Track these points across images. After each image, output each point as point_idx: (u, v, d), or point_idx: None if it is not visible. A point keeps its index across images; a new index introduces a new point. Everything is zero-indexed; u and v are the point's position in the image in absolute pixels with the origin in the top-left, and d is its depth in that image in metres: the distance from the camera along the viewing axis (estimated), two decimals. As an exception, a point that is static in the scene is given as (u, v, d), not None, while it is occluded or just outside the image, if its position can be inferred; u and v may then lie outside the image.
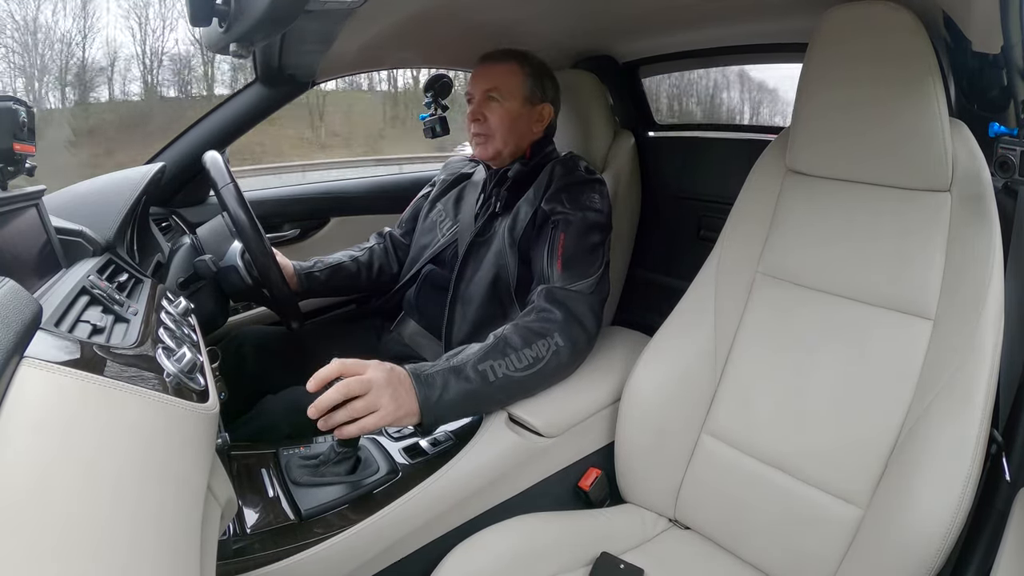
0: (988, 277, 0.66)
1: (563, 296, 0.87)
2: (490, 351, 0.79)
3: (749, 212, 0.88)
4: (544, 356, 0.81)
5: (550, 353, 0.82)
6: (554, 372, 0.83)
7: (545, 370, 0.81)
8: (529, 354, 0.80)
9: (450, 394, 0.75)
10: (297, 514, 0.68)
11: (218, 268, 0.99)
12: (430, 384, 0.74)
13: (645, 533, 0.84)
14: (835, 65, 0.76)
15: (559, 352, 0.82)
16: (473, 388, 0.76)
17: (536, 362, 0.81)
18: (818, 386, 0.76)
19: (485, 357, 0.78)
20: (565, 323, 0.84)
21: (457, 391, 0.75)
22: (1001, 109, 0.79)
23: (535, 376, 0.81)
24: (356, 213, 1.58)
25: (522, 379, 0.80)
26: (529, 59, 1.08)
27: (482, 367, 0.77)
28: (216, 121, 1.26)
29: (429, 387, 0.74)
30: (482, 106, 1.05)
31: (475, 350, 0.80)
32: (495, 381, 0.78)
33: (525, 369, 0.80)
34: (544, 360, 0.81)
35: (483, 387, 0.77)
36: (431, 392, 0.74)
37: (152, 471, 0.36)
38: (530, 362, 0.80)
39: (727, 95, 3.17)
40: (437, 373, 0.76)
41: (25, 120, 0.64)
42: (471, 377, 0.76)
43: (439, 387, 0.74)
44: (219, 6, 0.49)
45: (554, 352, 0.82)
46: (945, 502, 0.61)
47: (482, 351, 0.79)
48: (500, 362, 0.78)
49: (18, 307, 0.34)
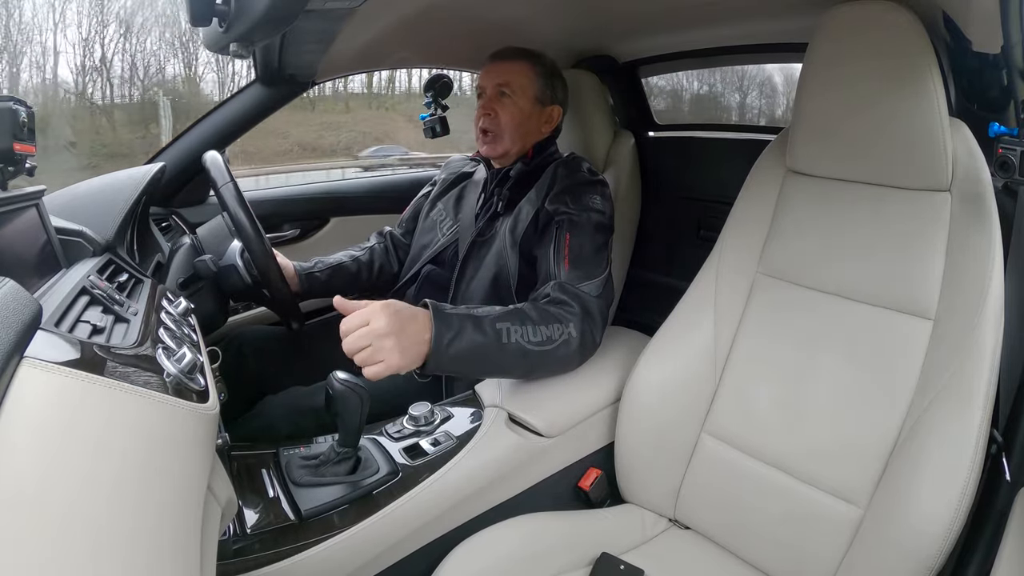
0: (988, 277, 0.66)
1: (576, 292, 0.86)
2: (510, 314, 0.79)
3: (749, 212, 0.88)
4: (556, 339, 0.80)
5: (562, 339, 0.81)
6: (560, 360, 0.83)
7: (553, 354, 0.81)
8: (544, 331, 0.80)
9: (463, 341, 0.73)
10: (297, 514, 0.68)
11: (218, 268, 0.99)
12: (447, 323, 0.73)
13: (645, 533, 0.84)
14: (835, 65, 0.76)
15: (569, 342, 0.82)
16: (486, 343, 0.75)
17: (548, 342, 0.80)
18: (818, 386, 0.76)
19: (504, 318, 0.78)
20: (580, 318, 0.84)
21: (470, 340, 0.74)
22: (1001, 109, 0.79)
23: (542, 355, 0.80)
24: (356, 213, 1.58)
25: (531, 352, 0.79)
26: (542, 59, 1.08)
27: (500, 326, 0.77)
28: (216, 121, 1.26)
29: (446, 326, 0.73)
30: (493, 101, 1.05)
31: (495, 309, 0.79)
32: (507, 344, 0.77)
33: (537, 344, 0.79)
34: (555, 343, 0.80)
35: (495, 346, 0.76)
36: (446, 332, 0.73)
37: (152, 471, 0.36)
38: (543, 339, 0.79)
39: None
40: (455, 316, 0.75)
41: (25, 120, 0.64)
42: (487, 331, 0.75)
43: (455, 329, 0.73)
44: (219, 6, 0.49)
45: (565, 340, 0.81)
46: (945, 502, 0.61)
47: (502, 311, 0.79)
48: (517, 328, 0.78)
49: (18, 307, 0.34)
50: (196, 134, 1.26)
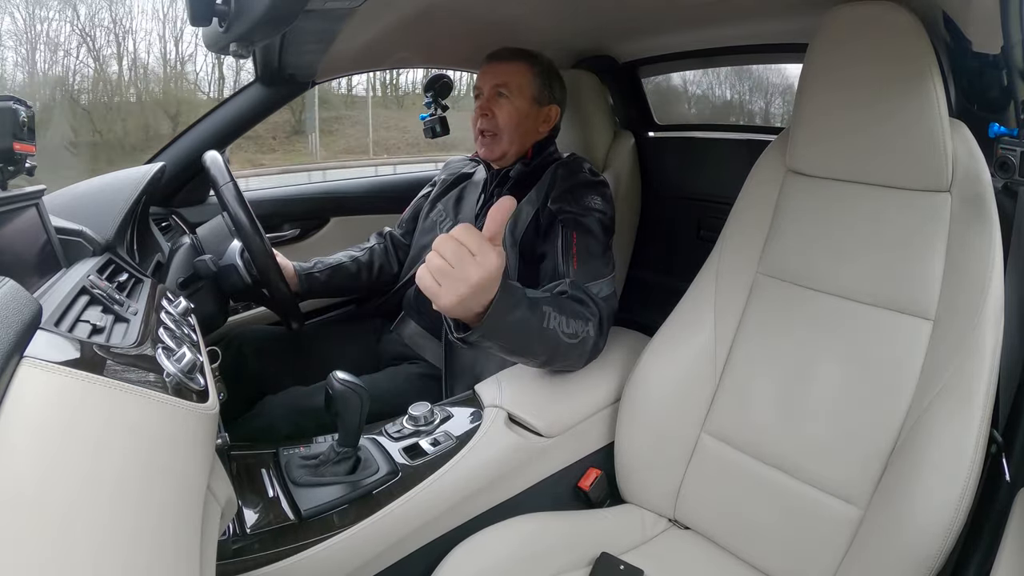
0: (988, 277, 0.66)
1: (591, 295, 0.85)
2: (553, 300, 0.77)
3: (749, 212, 0.88)
4: (579, 336, 0.79)
5: (581, 337, 0.80)
6: (576, 356, 0.82)
7: (575, 348, 0.79)
8: (574, 325, 0.78)
9: (518, 312, 0.70)
10: (297, 514, 0.68)
11: (218, 268, 0.99)
12: (511, 293, 0.69)
13: (645, 533, 0.84)
14: (835, 65, 0.76)
15: (587, 341, 0.81)
16: (533, 322, 0.72)
17: (574, 336, 0.78)
18: (818, 386, 0.76)
19: (551, 303, 0.76)
20: (598, 320, 0.83)
21: (522, 316, 0.70)
22: (1001, 109, 0.79)
23: (568, 348, 0.78)
24: (356, 213, 1.58)
25: (561, 343, 0.77)
26: (539, 60, 1.08)
27: (545, 308, 0.74)
28: (216, 121, 1.26)
29: (510, 295, 0.68)
30: (491, 102, 1.04)
31: (540, 292, 0.78)
32: (546, 328, 0.74)
33: (569, 336, 0.77)
34: (579, 339, 0.79)
35: (537, 327, 0.73)
36: (508, 301, 0.68)
37: (152, 471, 0.36)
38: (573, 332, 0.78)
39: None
40: (517, 289, 0.71)
41: (25, 120, 0.64)
42: (535, 312, 0.72)
43: (514, 301, 0.69)
44: (219, 6, 0.49)
45: (584, 339, 0.80)
46: (945, 502, 0.61)
47: (550, 295, 0.77)
48: (557, 315, 0.76)
49: (18, 307, 0.34)
50: (196, 134, 1.26)
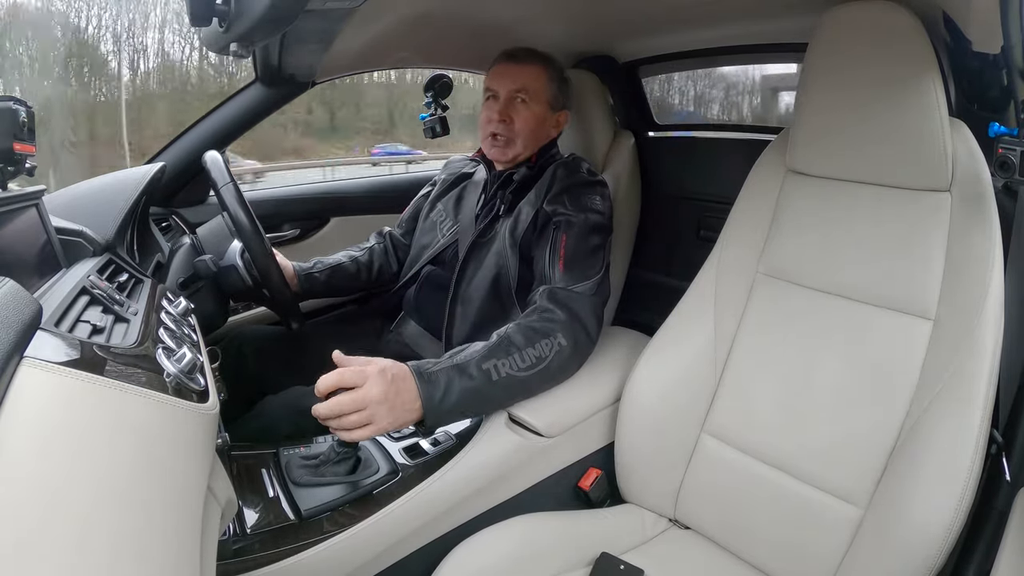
0: (988, 277, 0.66)
1: (565, 297, 0.86)
2: (493, 350, 0.79)
3: (749, 212, 0.88)
4: (547, 356, 0.81)
5: (552, 353, 0.81)
6: (556, 372, 0.83)
7: (548, 370, 0.81)
8: (532, 354, 0.80)
9: (453, 394, 0.74)
10: (297, 514, 0.68)
11: (218, 268, 0.99)
12: (434, 383, 0.73)
13: (645, 533, 0.84)
14: (835, 65, 0.76)
15: (561, 352, 0.82)
16: (476, 386, 0.75)
17: (539, 362, 0.80)
18: (818, 386, 0.76)
19: (489, 356, 0.78)
20: (568, 323, 0.84)
21: (460, 390, 0.74)
22: (1001, 109, 0.79)
23: (538, 376, 0.80)
24: (356, 213, 1.58)
25: (525, 379, 0.79)
26: (553, 63, 1.07)
27: (485, 366, 0.77)
28: (216, 121, 1.26)
29: (433, 386, 0.73)
30: (509, 107, 1.03)
31: (478, 348, 0.79)
32: (498, 380, 0.77)
33: (528, 369, 0.79)
34: (547, 360, 0.81)
35: (486, 386, 0.76)
36: (434, 391, 0.73)
37: (152, 471, 0.36)
38: (533, 362, 0.80)
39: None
40: (440, 371, 0.75)
41: (25, 120, 0.64)
42: (474, 375, 0.76)
43: (443, 386, 0.74)
44: (219, 6, 0.49)
45: (556, 352, 0.81)
46: (945, 502, 0.61)
47: (485, 349, 0.79)
48: (503, 361, 0.78)
49: (18, 307, 0.34)
50: (196, 134, 1.26)
